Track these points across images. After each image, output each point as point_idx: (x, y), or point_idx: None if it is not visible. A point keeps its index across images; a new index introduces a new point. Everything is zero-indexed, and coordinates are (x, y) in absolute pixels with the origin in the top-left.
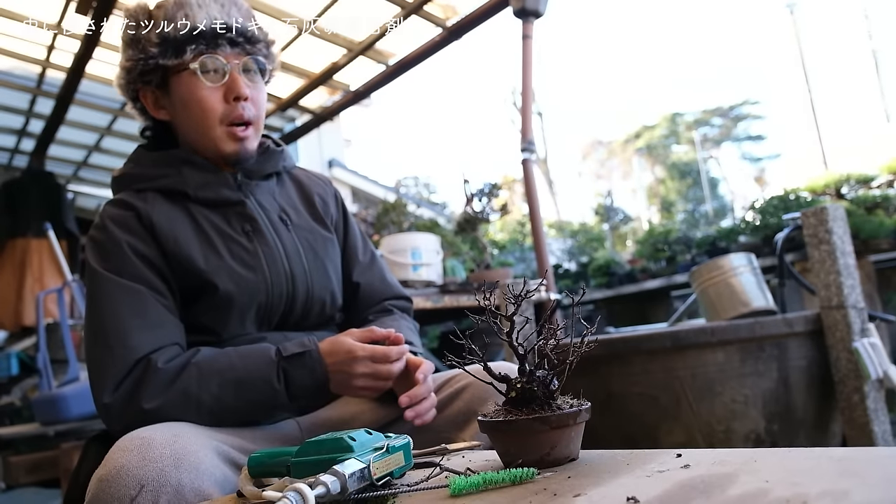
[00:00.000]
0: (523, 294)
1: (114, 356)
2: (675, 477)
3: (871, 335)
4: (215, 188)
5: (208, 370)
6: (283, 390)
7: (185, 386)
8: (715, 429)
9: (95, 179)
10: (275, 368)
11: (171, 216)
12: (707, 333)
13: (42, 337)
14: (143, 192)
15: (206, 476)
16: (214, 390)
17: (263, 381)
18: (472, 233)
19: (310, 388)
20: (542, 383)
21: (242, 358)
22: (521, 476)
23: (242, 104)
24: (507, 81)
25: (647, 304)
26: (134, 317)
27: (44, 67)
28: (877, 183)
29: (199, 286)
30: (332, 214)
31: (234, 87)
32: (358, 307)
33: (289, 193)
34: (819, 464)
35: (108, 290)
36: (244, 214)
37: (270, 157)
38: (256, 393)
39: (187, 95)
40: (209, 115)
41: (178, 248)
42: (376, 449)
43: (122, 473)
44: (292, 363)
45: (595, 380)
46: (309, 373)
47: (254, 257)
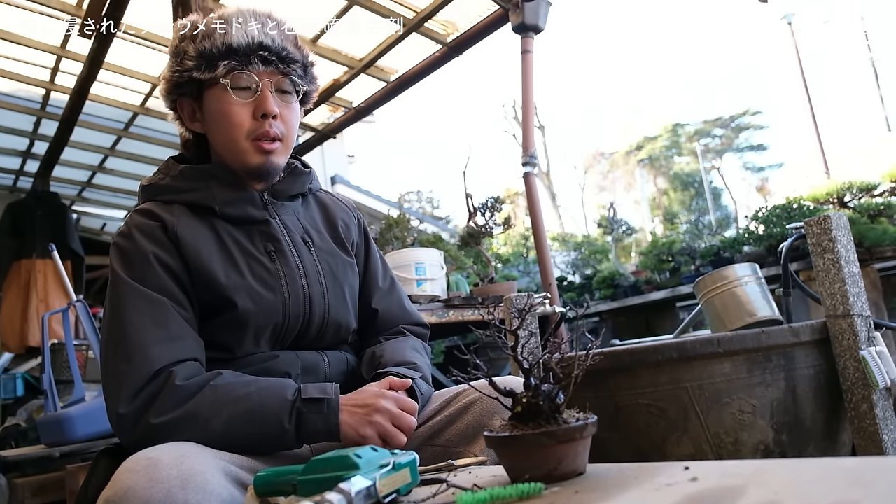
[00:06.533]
0: (527, 308)
1: (132, 366)
2: (683, 490)
3: (879, 343)
4: (241, 206)
5: (224, 396)
6: (292, 431)
7: (198, 408)
8: (724, 440)
9: (100, 199)
10: (289, 408)
11: (195, 230)
12: (713, 344)
13: (47, 358)
14: (170, 203)
15: (212, 497)
16: (225, 417)
17: (275, 418)
18: (476, 247)
19: (321, 434)
20: (548, 397)
21: (260, 391)
22: (528, 491)
23: (271, 121)
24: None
25: (652, 316)
26: (155, 327)
27: (48, 90)
28: (879, 191)
29: (219, 302)
30: (353, 239)
31: (262, 105)
32: (374, 332)
33: (313, 215)
34: (828, 474)
35: (130, 298)
36: (268, 234)
37: (298, 178)
38: (265, 428)
39: (218, 109)
40: (236, 129)
41: (201, 263)
42: (382, 466)
43: (129, 495)
44: (309, 407)
45: (602, 393)
46: (323, 420)
47: (274, 278)
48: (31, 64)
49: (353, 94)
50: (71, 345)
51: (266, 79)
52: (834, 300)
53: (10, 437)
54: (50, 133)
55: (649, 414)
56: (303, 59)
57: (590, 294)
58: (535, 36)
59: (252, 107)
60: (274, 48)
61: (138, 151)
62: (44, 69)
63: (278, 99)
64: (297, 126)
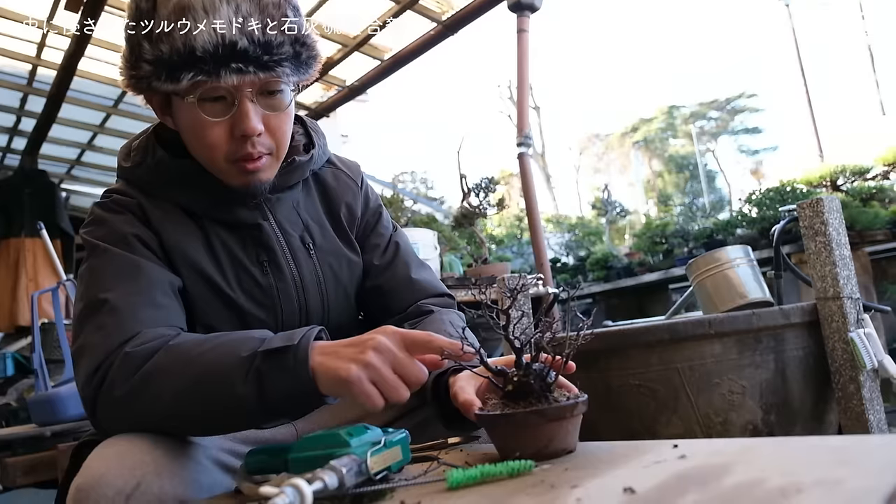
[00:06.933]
0: (520, 288)
1: (99, 336)
2: (671, 468)
3: (867, 325)
4: (230, 208)
5: (175, 361)
6: (251, 397)
7: (148, 377)
8: (713, 420)
9: (89, 178)
10: (244, 368)
11: (180, 228)
12: (705, 325)
13: (37, 337)
14: (151, 194)
15: (189, 482)
16: (173, 388)
17: (227, 383)
18: (470, 228)
19: (291, 398)
20: (539, 377)
21: (215, 348)
22: (518, 469)
23: (254, 140)
24: (503, 76)
25: (645, 298)
26: (132, 294)
27: (34, 65)
28: (872, 174)
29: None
30: (357, 219)
31: (241, 124)
32: (387, 315)
33: (314, 203)
34: (814, 453)
35: (104, 262)
36: (261, 241)
37: (297, 169)
38: (216, 396)
39: (188, 126)
40: (213, 151)
41: (187, 257)
42: (374, 444)
43: (102, 482)
44: (270, 362)
45: (594, 374)
46: (290, 377)
47: (266, 294)
48: (16, 38)
49: (346, 72)
50: (61, 324)
51: (246, 88)
52: (824, 282)
53: (0, 417)
54: (37, 110)
55: (640, 394)
56: (294, 41)
57: (583, 276)
58: (530, 15)
59: (229, 124)
60: (252, 49)
61: (128, 129)
62: (30, 44)
63: (263, 105)
64: (290, 126)
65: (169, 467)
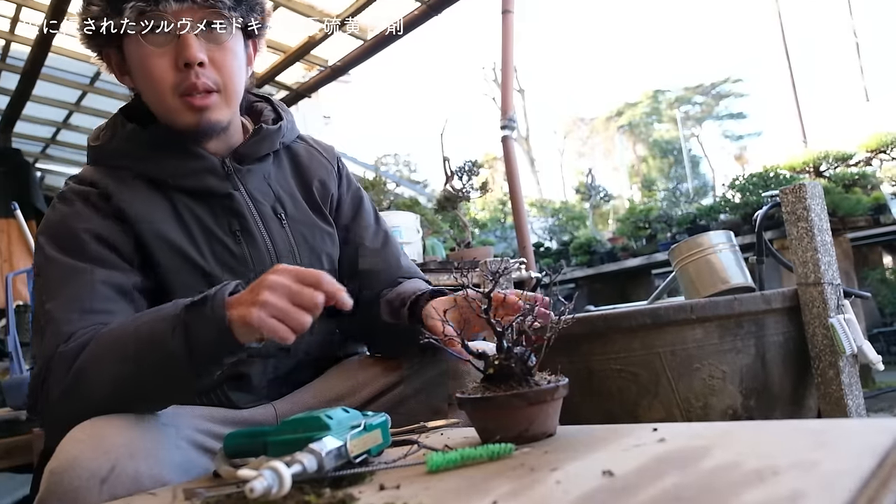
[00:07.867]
0: (502, 272)
1: (43, 344)
2: (650, 451)
3: (847, 311)
4: (199, 176)
5: (109, 343)
6: (181, 351)
7: (84, 365)
8: (693, 405)
9: (64, 157)
10: (171, 325)
11: (148, 203)
12: (686, 310)
13: (11, 319)
14: (118, 169)
15: (165, 464)
16: (109, 366)
17: (160, 342)
18: (453, 211)
19: (214, 344)
20: (520, 360)
21: (145, 320)
22: (498, 452)
23: (197, 70)
24: (488, 58)
25: (627, 283)
26: (71, 300)
27: (7, 41)
28: (855, 161)
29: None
30: (332, 195)
31: (182, 51)
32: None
33: (286, 176)
34: (791, 436)
35: (49, 270)
36: (232, 209)
37: (265, 138)
38: (150, 363)
39: (136, 62)
40: (159, 84)
41: (157, 231)
42: (353, 427)
43: (76, 465)
44: (193, 315)
45: (575, 358)
46: (211, 323)
47: (240, 262)
48: None
49: (328, 52)
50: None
51: (186, 17)
52: (806, 268)
53: None
54: (10, 87)
55: (621, 379)
56: None
57: (566, 260)
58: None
59: (173, 56)
60: None
61: (105, 108)
62: (3, 18)
63: (206, 41)
64: (240, 70)
65: (144, 449)
